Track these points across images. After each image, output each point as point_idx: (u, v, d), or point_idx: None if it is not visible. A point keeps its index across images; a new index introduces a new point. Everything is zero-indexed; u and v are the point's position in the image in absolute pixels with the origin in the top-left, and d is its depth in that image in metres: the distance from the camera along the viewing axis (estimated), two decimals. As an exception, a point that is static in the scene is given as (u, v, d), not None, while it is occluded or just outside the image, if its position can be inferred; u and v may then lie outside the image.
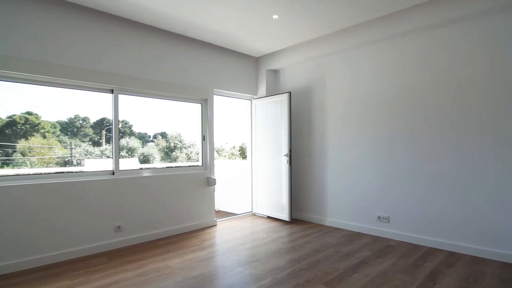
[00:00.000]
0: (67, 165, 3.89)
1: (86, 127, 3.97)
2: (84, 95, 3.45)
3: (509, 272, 2.68)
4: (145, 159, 5.31)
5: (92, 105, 3.65)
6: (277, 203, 4.73)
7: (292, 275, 2.66)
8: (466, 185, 3.16)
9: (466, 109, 3.17)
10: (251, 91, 5.13)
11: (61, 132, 3.81)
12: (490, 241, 3.02)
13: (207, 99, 4.46)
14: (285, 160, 4.58)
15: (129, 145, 4.97)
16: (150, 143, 5.59)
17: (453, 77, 3.26)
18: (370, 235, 3.87)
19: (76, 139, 3.93)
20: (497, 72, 2.99)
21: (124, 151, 4.73)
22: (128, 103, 3.74)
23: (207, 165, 4.45)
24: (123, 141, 4.58)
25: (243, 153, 8.93)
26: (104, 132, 3.95)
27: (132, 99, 3.78)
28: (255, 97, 5.21)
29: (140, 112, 4.16)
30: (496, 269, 2.75)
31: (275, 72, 5.21)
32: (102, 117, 3.89)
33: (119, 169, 3.59)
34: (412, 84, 3.56)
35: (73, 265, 2.93)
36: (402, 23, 3.46)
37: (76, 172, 3.36)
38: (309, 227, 4.32)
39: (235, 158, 9.08)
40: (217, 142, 7.15)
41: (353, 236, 3.85)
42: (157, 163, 5.69)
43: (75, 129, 3.93)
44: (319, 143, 4.54)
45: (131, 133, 4.85)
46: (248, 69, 5.08)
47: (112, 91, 3.55)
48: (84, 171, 3.44)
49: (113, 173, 3.55)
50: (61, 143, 3.82)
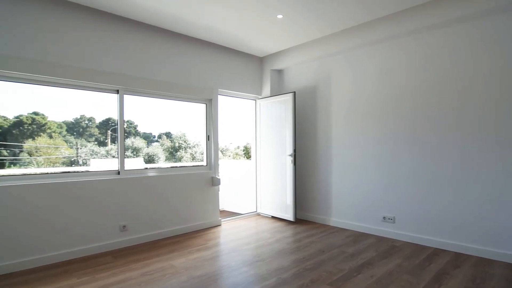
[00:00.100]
0: (73, 165, 3.92)
1: (91, 127, 3.99)
2: (90, 95, 3.48)
3: (517, 273, 2.66)
4: (150, 159, 5.34)
5: (97, 105, 3.67)
6: (281, 203, 4.73)
7: (297, 275, 2.66)
8: (470, 185, 3.14)
9: (469, 109, 3.16)
10: (255, 91, 5.13)
11: (67, 132, 3.84)
12: (497, 242, 2.98)
13: (211, 99, 4.46)
14: (289, 160, 4.57)
15: (134, 145, 4.99)
16: (155, 143, 5.61)
17: (456, 77, 3.25)
18: (375, 235, 3.85)
19: (82, 139, 3.96)
20: (499, 72, 2.98)
21: (129, 151, 4.76)
22: (133, 103, 3.76)
23: (212, 165, 4.46)
24: (128, 141, 4.61)
25: (247, 153, 8.93)
26: (109, 132, 3.97)
27: (137, 99, 3.81)
28: (260, 97, 5.20)
29: (145, 112, 4.18)
30: (503, 270, 2.72)
31: (280, 72, 5.21)
32: (108, 117, 3.92)
33: (125, 169, 3.61)
34: (415, 84, 3.55)
35: (79, 264, 2.96)
36: (405, 23, 3.45)
37: (82, 172, 3.39)
38: (313, 227, 4.31)
39: (240, 158, 9.08)
40: (221, 142, 7.17)
41: (358, 236, 3.83)
42: (162, 163, 5.71)
43: (81, 129, 3.96)
44: (323, 143, 4.52)
45: (136, 133, 4.87)
46: (252, 69, 5.08)
47: (117, 92, 3.58)
48: (90, 170, 3.47)
49: (119, 173, 3.57)
50: (67, 143, 3.85)
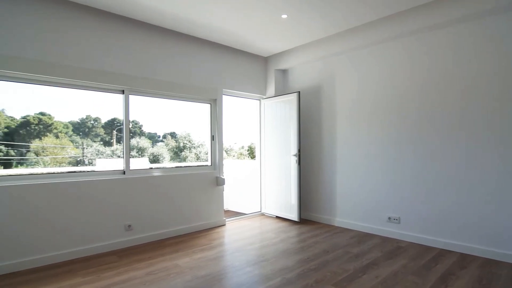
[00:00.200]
0: (79, 165, 3.95)
1: (97, 127, 4.03)
2: (95, 95, 3.50)
3: (525, 275, 2.62)
4: (155, 158, 5.37)
5: (103, 105, 3.70)
6: (286, 203, 4.72)
7: (301, 275, 2.65)
8: (475, 184, 3.11)
9: (473, 108, 3.15)
10: (260, 91, 5.13)
11: (73, 132, 3.88)
12: (503, 243, 2.95)
13: (216, 99, 4.47)
14: (294, 160, 4.57)
15: (139, 145, 5.02)
16: (160, 143, 5.64)
17: (459, 77, 3.24)
18: (380, 236, 3.83)
19: (88, 139, 3.99)
20: (503, 71, 2.97)
21: (135, 151, 4.79)
22: (138, 103, 3.78)
23: (216, 165, 4.47)
24: (133, 141, 4.64)
25: (251, 153, 8.93)
26: (115, 132, 4.00)
27: (142, 100, 3.83)
28: (264, 97, 5.20)
29: (150, 112, 4.20)
30: (510, 271, 2.69)
31: (284, 72, 5.20)
32: (113, 117, 3.95)
33: (130, 168, 3.63)
34: (419, 84, 3.53)
35: (83, 263, 2.98)
36: (408, 22, 3.44)
37: (88, 171, 3.42)
38: (318, 227, 4.30)
39: (244, 158, 9.09)
40: (226, 142, 7.18)
41: (363, 236, 3.81)
42: (167, 163, 5.74)
43: (87, 129, 3.99)
44: (328, 142, 4.51)
45: (141, 133, 4.90)
46: (256, 69, 5.08)
47: (122, 92, 3.60)
48: (96, 170, 3.50)
49: (124, 172, 3.59)
50: (73, 143, 3.88)
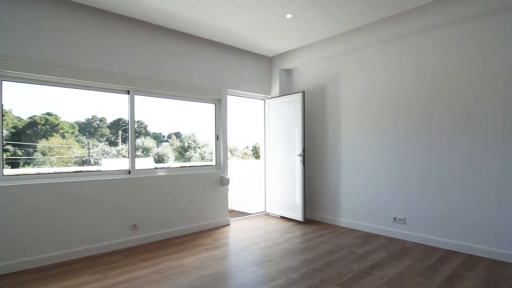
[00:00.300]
0: (85, 164, 3.99)
1: (103, 127, 4.06)
2: (101, 96, 3.53)
3: (532, 276, 2.59)
4: (159, 158, 5.39)
5: (108, 106, 3.73)
6: (290, 203, 4.72)
7: (306, 275, 2.65)
8: (480, 184, 3.08)
9: (477, 108, 3.13)
10: (264, 91, 5.13)
11: (79, 132, 3.92)
12: (510, 244, 2.93)
13: (220, 99, 4.48)
14: (298, 160, 4.56)
15: (144, 145, 5.05)
16: (165, 143, 5.67)
17: (464, 76, 3.22)
18: (385, 236, 3.81)
19: (94, 139, 4.03)
20: (507, 71, 2.95)
21: (140, 150, 4.82)
22: (143, 103, 3.80)
23: (221, 164, 4.48)
24: (138, 141, 4.67)
25: (256, 152, 8.94)
26: (120, 132, 4.03)
27: (147, 100, 3.85)
28: (269, 96, 5.20)
29: (155, 112, 4.22)
30: (518, 273, 2.66)
31: (289, 71, 5.19)
32: (118, 117, 3.97)
33: (135, 168, 3.66)
34: (424, 83, 3.51)
35: (90, 262, 3.01)
36: (414, 21, 3.42)
37: (94, 171, 3.44)
38: (323, 227, 4.29)
39: (248, 158, 9.10)
40: (230, 142, 7.19)
41: (368, 237, 3.79)
42: (172, 162, 5.76)
43: (93, 129, 4.03)
44: (332, 142, 4.50)
45: (146, 133, 4.93)
46: (261, 69, 5.08)
47: (128, 92, 3.62)
48: (102, 170, 3.52)
49: (129, 172, 3.62)
50: (79, 143, 3.92)
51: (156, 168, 4.02)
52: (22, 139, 3.36)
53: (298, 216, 4.56)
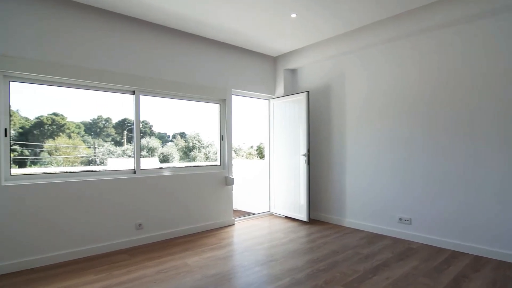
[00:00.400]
0: (91, 164, 4.02)
1: (108, 127, 4.08)
2: (106, 96, 3.56)
3: (541, 278, 2.55)
4: (164, 158, 5.41)
5: (113, 106, 3.75)
6: (295, 203, 4.71)
7: (311, 275, 2.64)
8: (487, 185, 3.04)
9: (482, 107, 3.11)
10: (269, 90, 5.12)
11: (85, 132, 3.94)
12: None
13: (225, 99, 4.49)
14: (303, 160, 4.55)
15: (149, 145, 5.07)
16: (170, 143, 5.69)
17: (469, 76, 3.20)
18: (390, 237, 3.78)
19: (99, 139, 4.05)
20: (511, 71, 2.92)
21: (145, 150, 4.84)
22: (148, 103, 3.82)
23: (225, 164, 4.49)
24: (143, 141, 4.69)
25: (260, 152, 8.93)
26: (125, 132, 4.05)
27: (152, 100, 3.87)
28: (273, 96, 5.20)
29: (160, 112, 4.24)
30: (526, 275, 2.63)
31: (293, 71, 5.18)
32: (124, 117, 4.00)
33: (140, 168, 3.68)
34: (429, 83, 3.49)
35: (96, 261, 3.03)
36: (418, 20, 3.40)
37: (100, 171, 3.47)
38: (327, 227, 4.27)
39: (253, 158, 9.09)
40: (235, 142, 7.19)
41: (373, 237, 3.77)
42: (176, 162, 5.78)
43: (98, 129, 4.05)
44: (337, 142, 4.48)
45: (151, 133, 4.95)
46: (266, 68, 5.08)
47: (133, 92, 3.65)
48: (108, 170, 3.55)
49: (135, 172, 3.64)
50: (85, 143, 3.95)
51: (161, 168, 4.04)
52: (29, 139, 3.39)
53: (303, 216, 4.55)
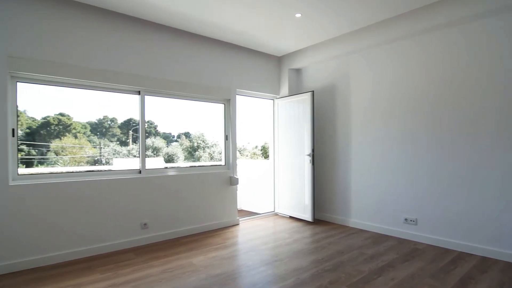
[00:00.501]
0: (96, 164, 4.05)
1: (114, 127, 4.11)
2: (112, 96, 3.58)
3: (549, 280, 2.52)
4: (169, 158, 5.44)
5: (119, 106, 3.78)
6: (299, 203, 4.70)
7: (316, 276, 2.63)
8: (493, 185, 3.01)
9: (487, 107, 3.09)
10: (273, 90, 5.12)
11: (91, 132, 3.98)
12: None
13: (230, 99, 4.50)
14: (308, 160, 4.54)
15: (155, 145, 5.10)
16: (174, 142, 5.71)
17: (473, 76, 3.17)
18: (396, 237, 3.76)
19: (105, 139, 4.09)
20: None
21: (150, 150, 4.87)
22: (154, 104, 3.84)
23: (230, 164, 4.49)
24: (148, 141, 4.72)
25: (265, 152, 8.93)
26: (131, 132, 4.08)
27: (157, 100, 3.89)
28: (278, 96, 5.19)
29: (165, 112, 4.26)
30: (534, 276, 2.59)
31: (298, 71, 5.17)
32: (129, 117, 4.02)
33: (145, 168, 3.70)
34: (434, 82, 3.46)
35: (102, 260, 3.05)
36: (423, 20, 3.38)
37: (105, 170, 3.50)
38: (332, 228, 4.26)
39: (257, 158, 9.10)
40: (239, 142, 7.20)
41: (378, 238, 3.75)
42: (181, 162, 5.81)
43: (104, 130, 4.09)
44: (342, 142, 4.46)
45: (156, 133, 4.98)
46: (270, 68, 5.08)
47: (139, 93, 3.67)
48: (113, 170, 3.57)
49: (140, 172, 3.66)
50: (91, 143, 3.98)
51: (166, 167, 4.06)
52: (36, 139, 3.43)
53: (307, 216, 4.54)
